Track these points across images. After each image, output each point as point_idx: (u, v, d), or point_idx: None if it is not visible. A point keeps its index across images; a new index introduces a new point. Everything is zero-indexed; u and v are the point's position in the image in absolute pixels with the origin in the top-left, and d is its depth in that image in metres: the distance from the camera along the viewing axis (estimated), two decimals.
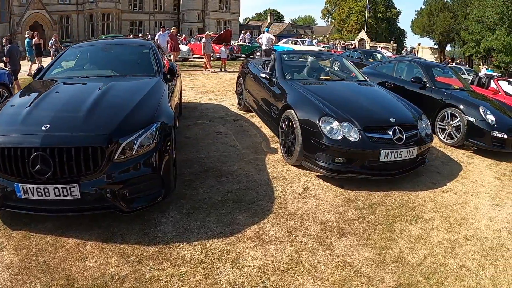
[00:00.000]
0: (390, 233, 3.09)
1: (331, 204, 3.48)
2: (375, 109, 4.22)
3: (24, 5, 37.84)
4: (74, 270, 2.36)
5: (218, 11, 46.41)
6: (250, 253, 2.61)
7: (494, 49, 28.89)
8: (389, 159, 3.68)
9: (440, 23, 38.46)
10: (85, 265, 2.41)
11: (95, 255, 2.50)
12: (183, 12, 45.92)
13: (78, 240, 2.64)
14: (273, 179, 3.88)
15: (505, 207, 3.85)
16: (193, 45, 20.80)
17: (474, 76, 9.55)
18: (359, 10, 50.93)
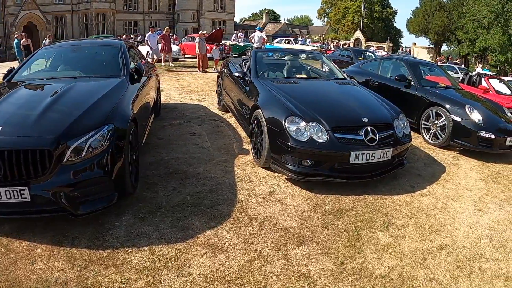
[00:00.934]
0: (356, 241, 2.86)
1: (296, 209, 3.26)
2: (348, 108, 3.98)
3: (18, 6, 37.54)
4: (21, 273, 2.34)
5: (213, 11, 46.11)
6: (198, 261, 2.48)
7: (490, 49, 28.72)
8: (360, 161, 3.44)
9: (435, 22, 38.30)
10: (32, 268, 2.38)
11: (44, 258, 2.46)
12: (178, 12, 45.64)
13: (30, 243, 2.61)
14: (239, 182, 3.70)
15: (488, 212, 3.60)
16: (184, 45, 20.54)
17: (464, 74, 9.31)
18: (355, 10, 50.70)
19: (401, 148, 3.84)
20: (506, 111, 6.16)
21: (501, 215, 3.57)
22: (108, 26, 41.73)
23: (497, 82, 8.91)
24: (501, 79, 9.26)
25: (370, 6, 50.76)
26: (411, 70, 6.20)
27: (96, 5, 40.98)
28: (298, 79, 5.02)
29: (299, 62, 5.98)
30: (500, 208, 3.73)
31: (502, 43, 26.87)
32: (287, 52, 6.22)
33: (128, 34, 34.85)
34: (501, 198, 3.98)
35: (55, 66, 4.38)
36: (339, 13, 53.92)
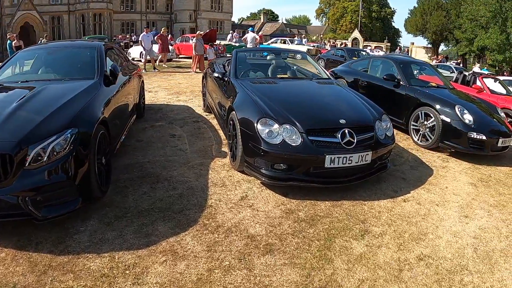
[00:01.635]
0: (327, 250, 2.67)
1: (267, 215, 3.10)
2: (325, 109, 3.80)
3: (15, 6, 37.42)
4: None
5: (211, 11, 45.89)
6: (157, 269, 2.38)
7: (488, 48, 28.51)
8: (336, 165, 3.26)
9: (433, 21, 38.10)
10: None
11: (6, 262, 2.42)
12: (175, 12, 45.44)
13: None
14: (211, 186, 3.57)
15: (475, 219, 3.39)
16: (179, 45, 20.34)
17: (458, 73, 9.11)
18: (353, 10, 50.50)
19: (382, 151, 3.64)
20: (499, 111, 5.97)
21: (489, 222, 3.37)
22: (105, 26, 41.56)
23: (492, 81, 8.71)
24: (496, 79, 9.06)
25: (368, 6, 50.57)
26: (401, 69, 6.00)
27: (93, 5, 40.83)
28: (278, 79, 4.83)
29: (285, 62, 5.81)
30: (489, 215, 3.52)
31: (500, 43, 26.65)
32: (269, 52, 5.97)
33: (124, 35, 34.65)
34: (490, 204, 3.77)
35: (32, 69, 4.39)
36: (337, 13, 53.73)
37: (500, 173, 4.76)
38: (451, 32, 35.82)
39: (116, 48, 5.49)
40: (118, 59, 5.05)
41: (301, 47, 22.78)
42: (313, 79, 5.04)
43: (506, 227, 3.32)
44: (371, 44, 38.63)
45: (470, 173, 4.59)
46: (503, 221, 3.42)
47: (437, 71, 6.84)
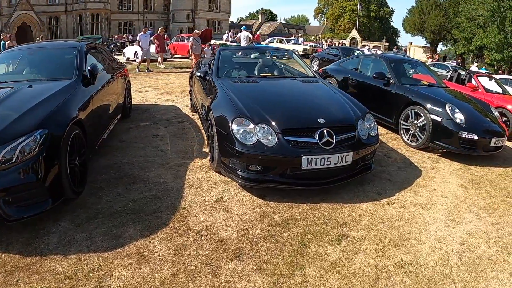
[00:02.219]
0: (300, 256, 2.53)
1: (240, 218, 2.98)
2: (304, 108, 3.64)
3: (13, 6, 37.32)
4: None
5: (208, 11, 45.76)
6: (121, 272, 2.32)
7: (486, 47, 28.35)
8: (313, 166, 3.11)
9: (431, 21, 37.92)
10: None
11: None
12: (173, 12, 45.31)
13: None
14: (187, 188, 3.46)
15: (463, 224, 3.22)
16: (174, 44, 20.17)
17: (453, 72, 8.93)
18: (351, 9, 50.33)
19: (365, 152, 3.48)
20: (493, 110, 5.81)
21: (477, 227, 3.20)
22: (102, 26, 41.51)
23: (487, 80, 8.53)
24: (492, 77, 8.88)
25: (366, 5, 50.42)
26: (391, 68, 5.83)
27: (91, 5, 40.79)
28: (261, 78, 4.67)
29: (272, 61, 5.66)
30: (478, 218, 3.35)
31: (498, 42, 26.49)
32: (254, 50, 5.91)
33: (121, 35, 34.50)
34: (480, 207, 3.60)
35: (12, 69, 4.37)
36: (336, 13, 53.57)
37: (493, 174, 4.59)
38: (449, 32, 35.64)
39: (100, 48, 5.43)
40: (101, 59, 4.98)
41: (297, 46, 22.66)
42: (297, 78, 4.87)
43: (496, 231, 3.15)
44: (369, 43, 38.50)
45: (460, 174, 4.42)
46: (493, 225, 3.25)
47: (430, 69, 6.68)
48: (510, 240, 3.04)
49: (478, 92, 7.73)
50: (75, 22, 41.68)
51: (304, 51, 21.74)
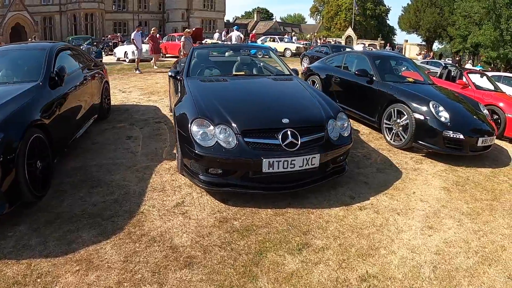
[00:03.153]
0: (254, 266, 2.36)
1: (198, 223, 2.85)
2: (270, 108, 3.45)
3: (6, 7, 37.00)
4: None
5: (203, 10, 45.45)
6: (67, 279, 2.24)
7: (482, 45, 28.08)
8: (275, 170, 2.91)
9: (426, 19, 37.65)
10: None
11: None
12: (168, 11, 45.00)
13: None
14: (150, 191, 3.36)
15: (441, 231, 2.97)
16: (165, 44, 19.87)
17: (443, 69, 8.68)
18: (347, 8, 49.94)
19: (335, 153, 3.24)
20: (482, 108, 5.56)
21: (457, 234, 2.95)
22: (97, 26, 41.23)
23: (478, 77, 8.27)
24: (483, 74, 8.62)
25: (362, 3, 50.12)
26: (374, 64, 5.57)
27: (85, 5, 40.50)
28: (232, 77, 4.47)
29: (251, 59, 5.47)
30: (459, 225, 3.10)
31: (494, 39, 26.19)
32: (228, 49, 5.82)
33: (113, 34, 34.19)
34: (463, 211, 3.35)
35: None
36: (332, 11, 53.22)
37: (480, 175, 4.35)
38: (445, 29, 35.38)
39: (75, 50, 5.37)
40: (74, 61, 4.90)
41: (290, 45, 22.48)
42: (271, 76, 4.68)
43: (478, 239, 2.90)
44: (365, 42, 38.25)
45: (444, 176, 4.17)
46: (475, 233, 3.00)
47: (417, 66, 6.42)
48: (492, 249, 2.79)
49: (468, 89, 7.48)
50: (69, 22, 41.39)
51: (297, 50, 21.53)
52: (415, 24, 39.68)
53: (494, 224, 3.18)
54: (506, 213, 3.42)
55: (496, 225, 3.17)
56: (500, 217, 3.32)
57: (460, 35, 30.39)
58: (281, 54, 22.35)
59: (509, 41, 26.02)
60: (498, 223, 3.20)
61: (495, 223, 3.20)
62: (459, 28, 30.19)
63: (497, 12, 26.06)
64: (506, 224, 3.22)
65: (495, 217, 3.32)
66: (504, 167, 4.76)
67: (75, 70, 4.62)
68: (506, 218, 3.32)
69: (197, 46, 5.78)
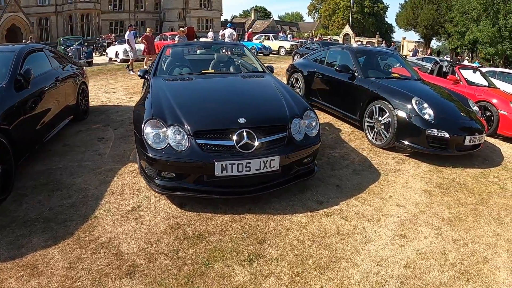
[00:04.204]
0: (198, 277, 2.20)
1: (149, 229, 2.70)
2: (227, 107, 3.24)
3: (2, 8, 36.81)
4: None
5: (200, 9, 45.14)
6: (10, 284, 2.16)
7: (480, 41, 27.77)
8: (228, 173, 2.70)
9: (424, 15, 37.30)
10: None
11: None
12: (164, 10, 44.72)
13: None
14: (108, 195, 3.24)
15: (415, 240, 2.68)
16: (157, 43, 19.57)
17: (434, 64, 8.36)
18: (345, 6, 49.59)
19: (299, 155, 2.97)
20: (471, 105, 5.25)
21: (433, 244, 2.65)
22: (93, 26, 41.03)
23: (471, 72, 7.96)
24: (476, 69, 8.31)
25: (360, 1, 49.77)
26: (356, 60, 5.27)
27: (81, 5, 40.29)
28: (198, 75, 4.23)
29: (228, 57, 5.26)
30: (437, 233, 2.81)
31: (492, 35, 25.91)
32: (201, 46, 5.74)
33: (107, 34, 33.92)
34: (443, 218, 3.06)
35: None
36: (329, 9, 52.89)
37: (468, 176, 4.05)
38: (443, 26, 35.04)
39: (49, 51, 5.23)
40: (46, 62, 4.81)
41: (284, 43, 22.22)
42: (240, 74, 4.44)
43: (456, 250, 2.61)
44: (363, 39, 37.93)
45: (427, 178, 3.87)
46: (454, 242, 2.71)
47: (404, 61, 6.12)
48: (473, 261, 2.50)
49: (460, 85, 7.17)
50: (66, 23, 41.20)
51: (291, 48, 21.24)
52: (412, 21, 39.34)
53: (477, 232, 2.89)
54: (493, 218, 3.13)
55: (479, 233, 2.88)
56: (486, 224, 3.03)
57: (457, 31, 30.08)
58: (276, 52, 22.08)
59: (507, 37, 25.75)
60: (482, 231, 2.92)
61: (479, 231, 2.91)
62: (456, 24, 29.89)
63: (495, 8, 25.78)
64: (492, 231, 2.92)
65: (480, 223, 3.03)
66: (494, 167, 4.46)
67: (46, 72, 4.54)
68: (492, 224, 3.03)
69: (169, 44, 5.55)
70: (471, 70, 8.09)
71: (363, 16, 50.57)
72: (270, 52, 20.81)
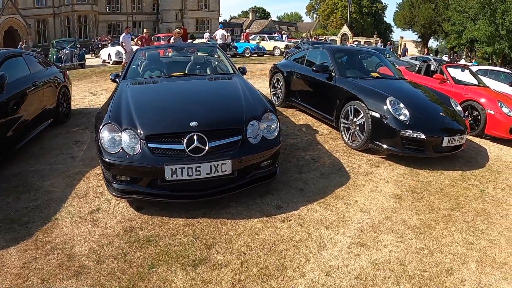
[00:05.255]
0: (140, 281, 2.19)
1: (103, 232, 2.73)
2: (182, 111, 3.21)
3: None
4: None
5: (197, 10, 45.01)
6: None
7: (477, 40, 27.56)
8: (179, 177, 2.69)
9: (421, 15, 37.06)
10: None
11: None
12: (161, 12, 44.65)
13: None
14: (72, 197, 3.27)
15: (374, 249, 2.53)
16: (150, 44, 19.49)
17: (422, 62, 8.19)
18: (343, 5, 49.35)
19: (254, 158, 2.90)
20: (453, 104, 5.08)
21: (392, 254, 2.50)
22: (90, 28, 41.03)
23: (459, 71, 7.78)
24: (464, 68, 8.13)
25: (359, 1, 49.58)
26: (334, 59, 5.13)
27: (78, 7, 40.30)
28: (168, 78, 4.22)
29: (204, 57, 5.17)
30: (399, 242, 2.65)
31: (489, 34, 25.68)
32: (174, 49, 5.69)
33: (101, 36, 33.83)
34: (410, 224, 2.90)
35: None
36: (328, 9, 52.70)
37: (446, 179, 3.88)
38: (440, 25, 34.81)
39: (28, 55, 5.33)
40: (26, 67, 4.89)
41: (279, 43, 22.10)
42: (208, 76, 4.40)
43: (418, 261, 2.45)
44: (361, 39, 37.75)
45: (401, 181, 3.72)
46: (417, 252, 2.55)
47: (386, 60, 5.96)
48: (435, 273, 2.34)
49: (447, 84, 7.01)
50: (63, 25, 41.23)
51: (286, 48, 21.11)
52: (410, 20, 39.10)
53: (446, 241, 2.72)
54: (466, 225, 2.96)
55: (448, 242, 2.71)
56: (457, 231, 2.86)
57: (455, 30, 29.86)
58: (270, 53, 21.96)
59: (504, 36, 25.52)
60: (451, 239, 2.74)
61: (448, 239, 2.74)
62: (454, 23, 29.66)
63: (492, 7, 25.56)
64: (463, 240, 2.75)
65: (451, 231, 2.86)
66: (477, 169, 4.29)
67: (24, 77, 4.58)
68: (465, 232, 2.86)
69: (142, 47, 5.48)
70: (460, 68, 7.92)
71: (362, 16, 50.35)
72: (265, 52, 20.69)
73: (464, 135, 4.35)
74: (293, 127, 5.27)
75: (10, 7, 37.27)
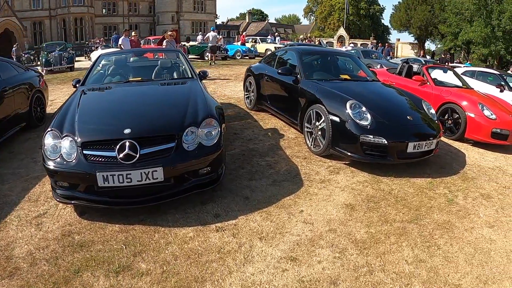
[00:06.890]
0: (64, 284, 2.21)
1: (44, 236, 2.72)
2: (119, 117, 3.23)
3: None
4: None
5: (194, 12, 44.94)
6: None
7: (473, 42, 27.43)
8: (110, 184, 2.71)
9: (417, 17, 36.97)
10: None
11: None
12: (158, 14, 44.61)
13: None
14: (25, 201, 3.26)
15: (305, 265, 2.34)
16: None
17: (404, 63, 8.01)
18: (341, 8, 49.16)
19: (190, 166, 2.85)
20: (425, 106, 4.88)
21: (325, 271, 2.30)
22: (86, 30, 41.03)
23: (441, 72, 7.60)
24: (447, 69, 7.95)
25: (356, 3, 49.43)
26: (301, 61, 4.96)
27: (74, 9, 40.31)
28: (121, 84, 4.22)
29: (171, 61, 5.10)
30: (337, 257, 2.44)
31: (485, 35, 25.56)
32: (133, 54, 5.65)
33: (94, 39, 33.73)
34: (355, 238, 2.69)
35: None
36: (325, 11, 52.53)
37: (411, 187, 3.64)
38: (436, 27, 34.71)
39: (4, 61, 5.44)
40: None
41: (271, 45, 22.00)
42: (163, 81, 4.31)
43: (354, 280, 2.23)
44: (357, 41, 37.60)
45: (358, 190, 3.51)
46: (355, 269, 2.33)
47: (359, 62, 5.79)
48: None
49: (427, 85, 6.83)
50: (59, 27, 41.22)
51: None
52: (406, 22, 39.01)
53: (393, 257, 2.47)
54: (421, 240, 2.69)
55: (395, 259, 2.46)
56: (409, 247, 2.60)
57: (451, 32, 29.75)
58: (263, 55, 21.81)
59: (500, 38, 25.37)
60: (400, 256, 2.50)
61: (396, 256, 2.49)
62: (450, 25, 29.55)
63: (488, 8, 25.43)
64: (413, 256, 2.49)
65: (401, 246, 2.61)
66: (449, 176, 4.02)
67: None
68: (418, 248, 2.59)
69: (105, 52, 5.44)
70: (442, 70, 7.74)
71: (359, 18, 50.19)
72: (256, 55, 20.52)
73: (435, 140, 4.15)
74: (259, 132, 5.10)
75: (6, 9, 37.21)
